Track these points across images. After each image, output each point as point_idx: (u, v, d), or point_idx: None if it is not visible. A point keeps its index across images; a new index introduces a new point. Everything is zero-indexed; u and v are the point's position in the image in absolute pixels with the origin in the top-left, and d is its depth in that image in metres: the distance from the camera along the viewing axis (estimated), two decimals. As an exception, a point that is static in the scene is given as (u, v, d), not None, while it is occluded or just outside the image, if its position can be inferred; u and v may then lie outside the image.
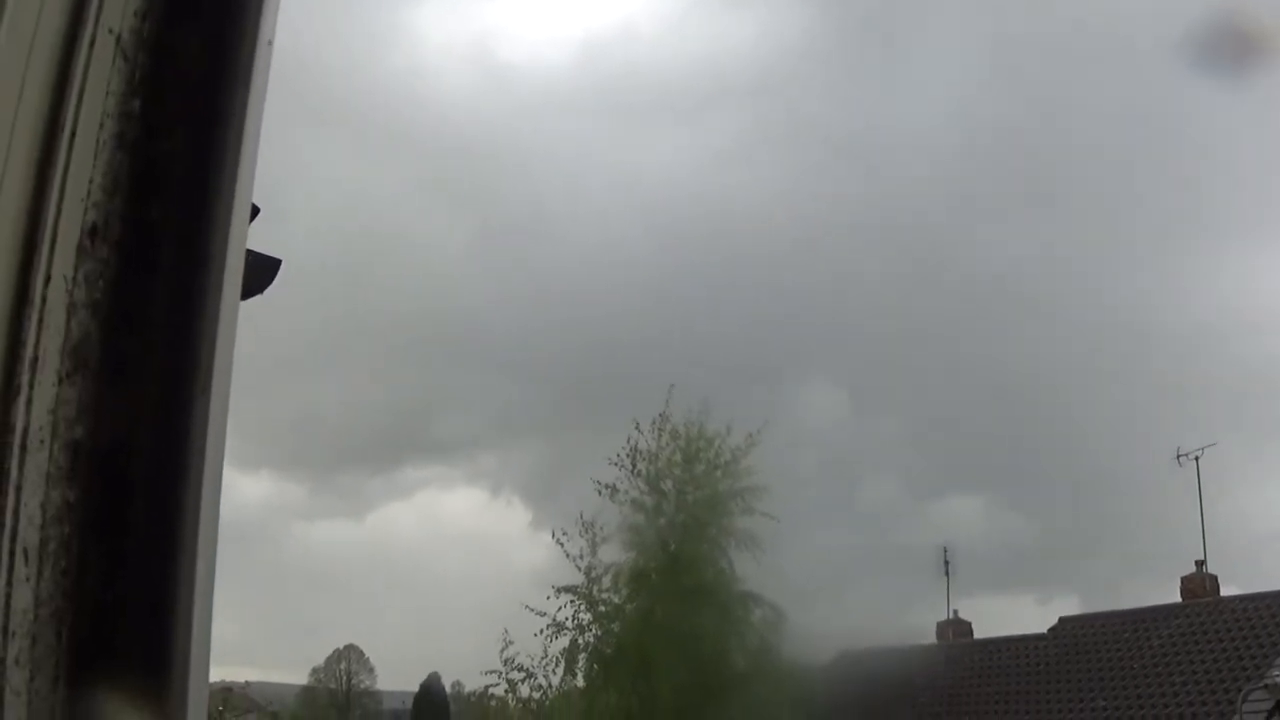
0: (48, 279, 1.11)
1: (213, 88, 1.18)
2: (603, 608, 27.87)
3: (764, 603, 29.15)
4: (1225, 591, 35.91)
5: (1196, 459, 36.45)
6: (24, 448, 1.08)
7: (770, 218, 44.01)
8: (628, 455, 28.14)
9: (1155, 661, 33.96)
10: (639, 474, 28.31)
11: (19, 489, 1.08)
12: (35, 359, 1.09)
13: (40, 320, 1.10)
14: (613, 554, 28.09)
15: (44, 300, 1.10)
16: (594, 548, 27.58)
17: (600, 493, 27.82)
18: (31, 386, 1.09)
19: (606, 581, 27.94)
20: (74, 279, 1.11)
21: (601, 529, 27.64)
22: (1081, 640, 36.43)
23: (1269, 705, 29.65)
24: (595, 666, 27.27)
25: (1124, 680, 33.86)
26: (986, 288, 44.54)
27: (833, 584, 46.73)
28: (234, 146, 1.20)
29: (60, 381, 1.10)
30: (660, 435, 28.33)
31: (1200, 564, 36.43)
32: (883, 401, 46.99)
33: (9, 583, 1.07)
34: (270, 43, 1.22)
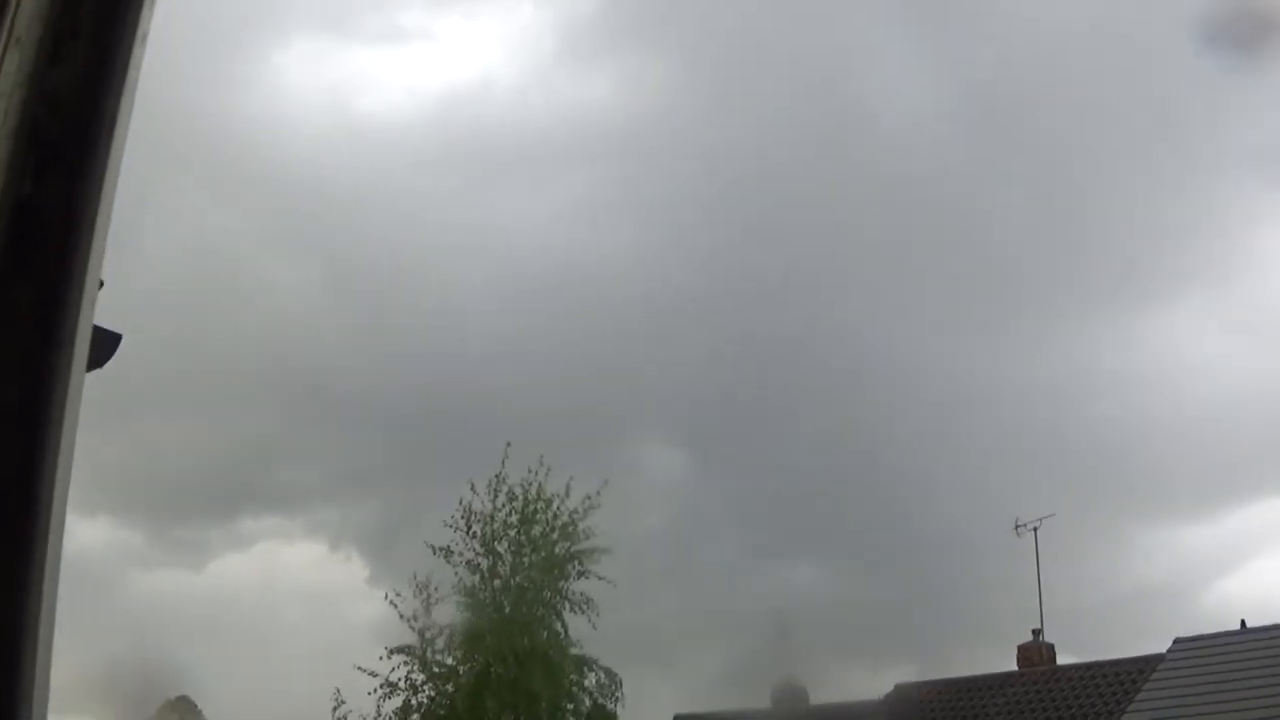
0: None
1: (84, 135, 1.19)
2: (436, 669, 27.37)
3: (598, 667, 28.81)
4: (1062, 660, 36.04)
5: (1035, 529, 36.60)
6: None
7: (617, 278, 43.61)
8: (462, 517, 27.75)
9: (992, 729, 33.86)
10: (474, 535, 27.94)
11: None
12: None
13: None
14: (447, 615, 27.72)
15: None
16: (428, 608, 27.13)
17: (434, 554, 27.36)
18: None
19: (440, 643, 27.49)
20: None
21: (436, 589, 27.18)
22: (917, 707, 36.19)
23: (1106, 772, 29.59)
24: None
25: (960, 748, 33.69)
26: (831, 354, 44.53)
27: (668, 648, 45.99)
28: (90, 219, 1.21)
29: None
30: (496, 496, 27.98)
31: (1037, 632, 36.53)
32: (722, 464, 46.64)
33: None
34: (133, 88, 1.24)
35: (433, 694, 27.32)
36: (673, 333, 43.66)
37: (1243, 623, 32.96)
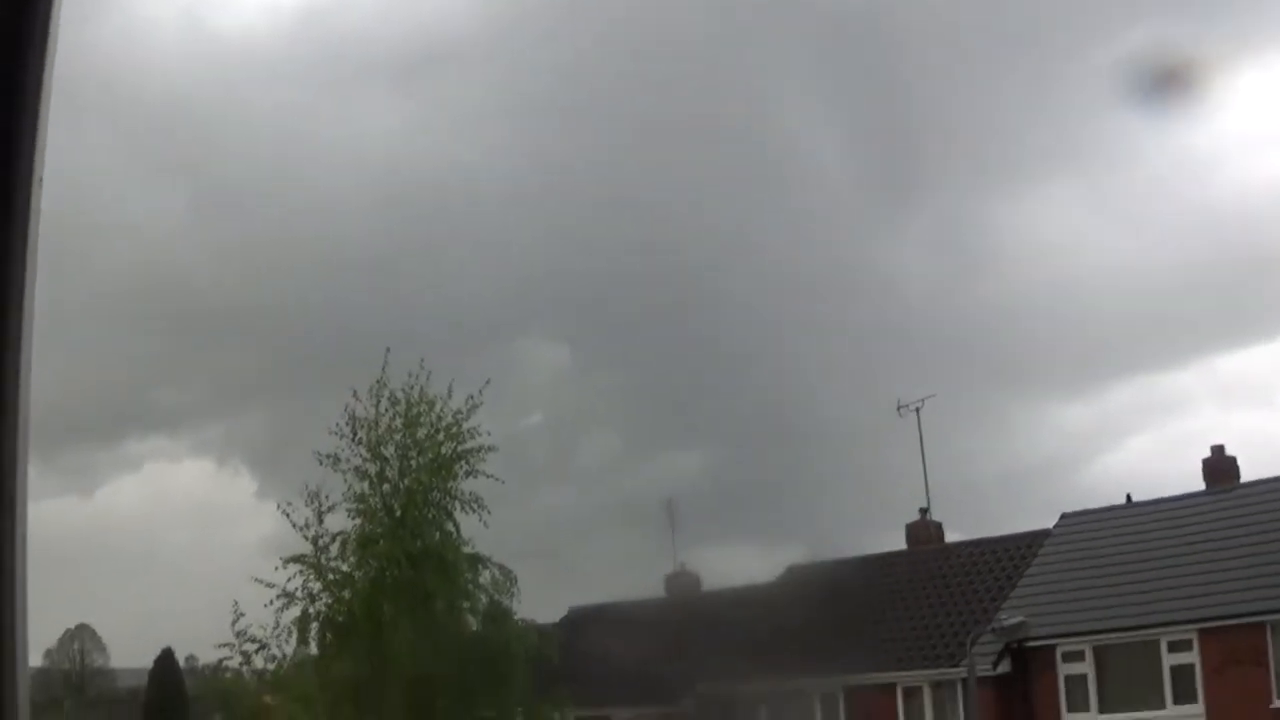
0: None
1: None
2: (332, 576, 27.13)
3: (492, 564, 28.68)
4: (950, 538, 36.47)
5: (917, 409, 36.85)
6: None
7: (488, 181, 42.99)
8: (347, 424, 27.38)
9: (884, 607, 34.23)
10: (360, 441, 27.58)
11: None
12: None
13: None
14: (339, 522, 27.43)
15: None
16: (320, 517, 26.81)
17: (322, 463, 26.98)
18: None
19: (334, 550, 27.19)
20: None
21: (326, 498, 26.83)
22: (810, 587, 36.50)
23: (998, 648, 30.04)
24: (328, 635, 26.59)
25: (853, 626, 34.03)
26: (706, 244, 44.29)
27: (561, 543, 46.13)
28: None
29: None
30: (379, 401, 27.61)
31: (924, 511, 36.93)
32: (603, 357, 46.49)
33: None
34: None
35: (330, 601, 27.07)
36: (549, 234, 43.20)
37: (1128, 497, 33.53)
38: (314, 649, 27.25)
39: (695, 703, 34.65)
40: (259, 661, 26.50)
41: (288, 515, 27.12)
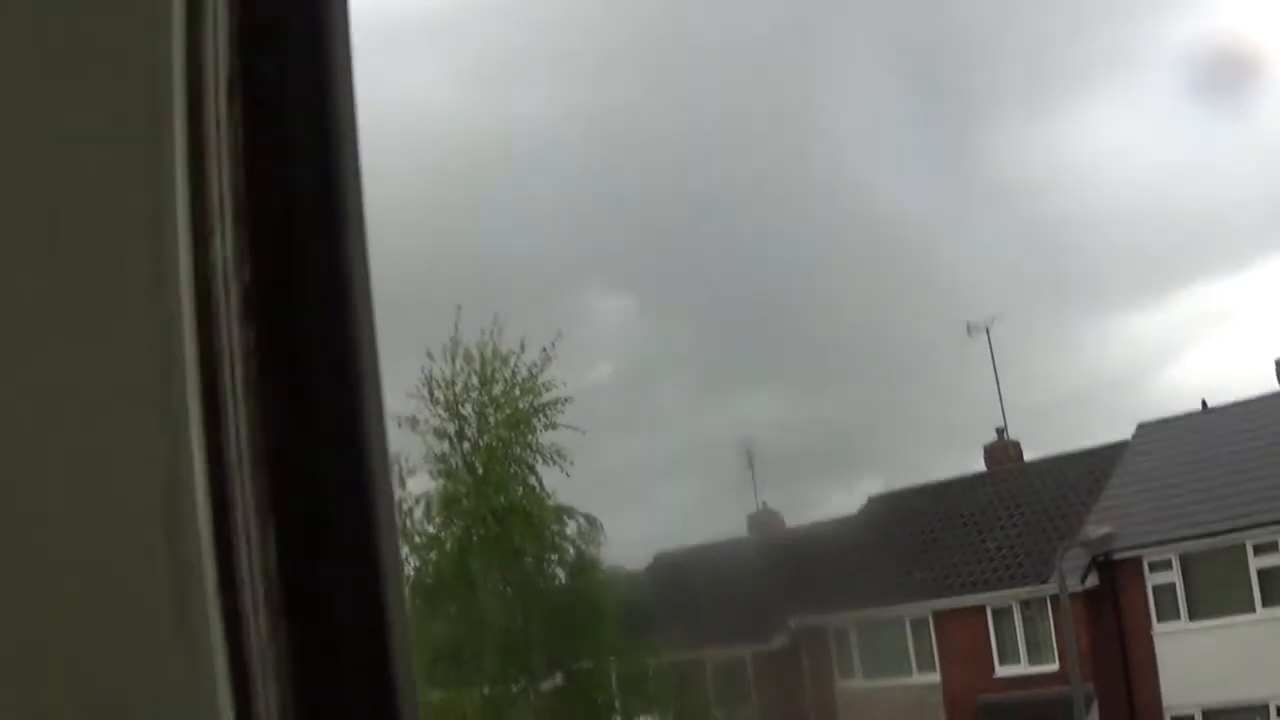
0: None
1: None
2: (418, 539, 27.42)
3: (577, 514, 28.98)
4: (1028, 457, 36.45)
5: (987, 329, 36.77)
6: None
7: (541, 132, 42.89)
8: (423, 385, 27.61)
9: (968, 530, 34.33)
10: (437, 402, 27.82)
11: None
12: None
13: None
14: (421, 485, 27.68)
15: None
16: (402, 481, 27.02)
17: (400, 426, 27.21)
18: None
19: (419, 513, 27.49)
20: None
21: (407, 460, 27.04)
22: (892, 517, 36.68)
23: (1085, 561, 30.09)
24: (417, 599, 26.87)
25: (938, 551, 34.19)
26: (766, 181, 44.15)
27: (642, 489, 46.35)
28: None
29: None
30: (454, 360, 27.82)
31: (1001, 432, 36.91)
32: (669, 303, 46.52)
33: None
34: None
35: (417, 565, 27.39)
36: (606, 182, 43.23)
37: (1204, 403, 33.37)
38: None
39: (787, 638, 34.99)
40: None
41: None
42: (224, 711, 0.90)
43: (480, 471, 28.14)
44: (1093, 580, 30.53)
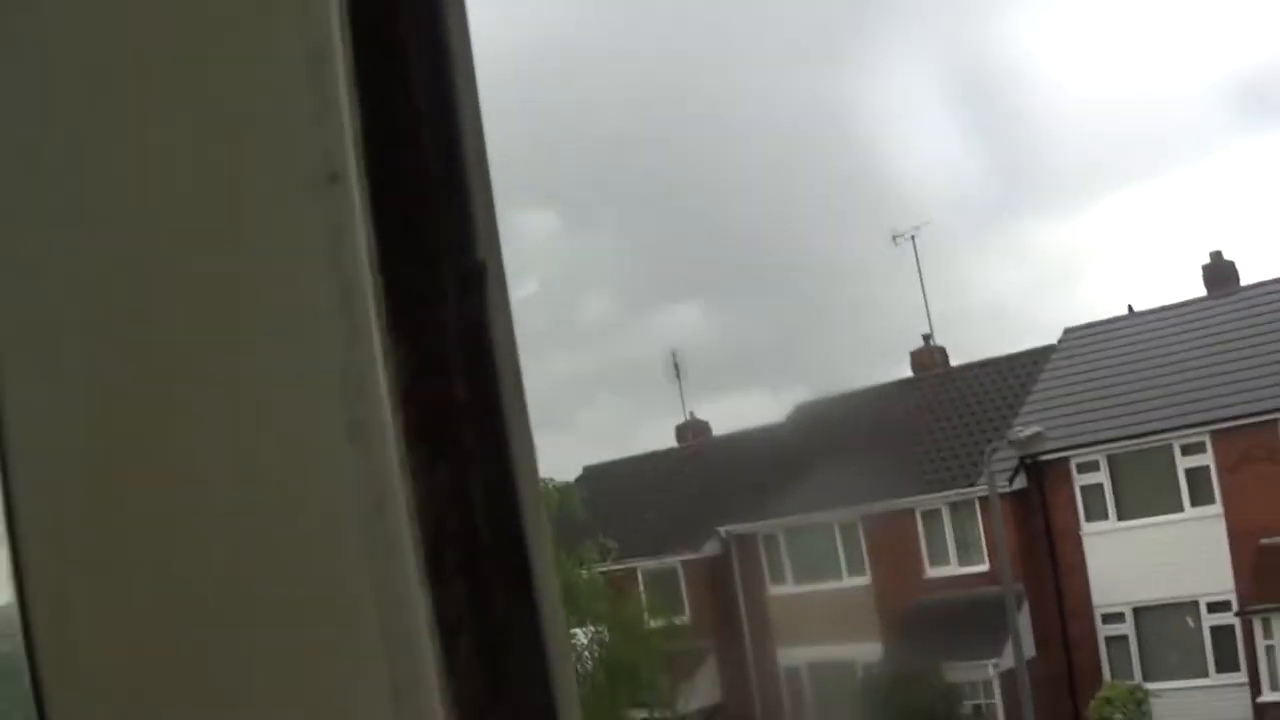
0: None
1: None
2: None
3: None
4: (955, 362, 36.72)
5: (913, 237, 36.91)
6: None
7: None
8: None
9: (895, 435, 34.56)
10: None
11: None
12: None
13: None
14: None
15: None
16: None
17: None
18: None
19: None
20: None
21: None
22: (820, 423, 36.84)
23: (1013, 463, 30.41)
24: None
25: (866, 455, 34.36)
26: (688, 92, 43.84)
27: (569, 406, 46.29)
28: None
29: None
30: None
31: (927, 337, 37.17)
32: (592, 219, 46.23)
33: None
34: None
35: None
36: (527, 99, 42.75)
37: (1130, 308, 33.75)
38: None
39: (718, 546, 35.17)
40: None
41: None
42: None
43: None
44: (1021, 482, 30.95)
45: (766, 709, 34.20)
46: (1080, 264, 54.06)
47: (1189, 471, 29.01)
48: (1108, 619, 30.09)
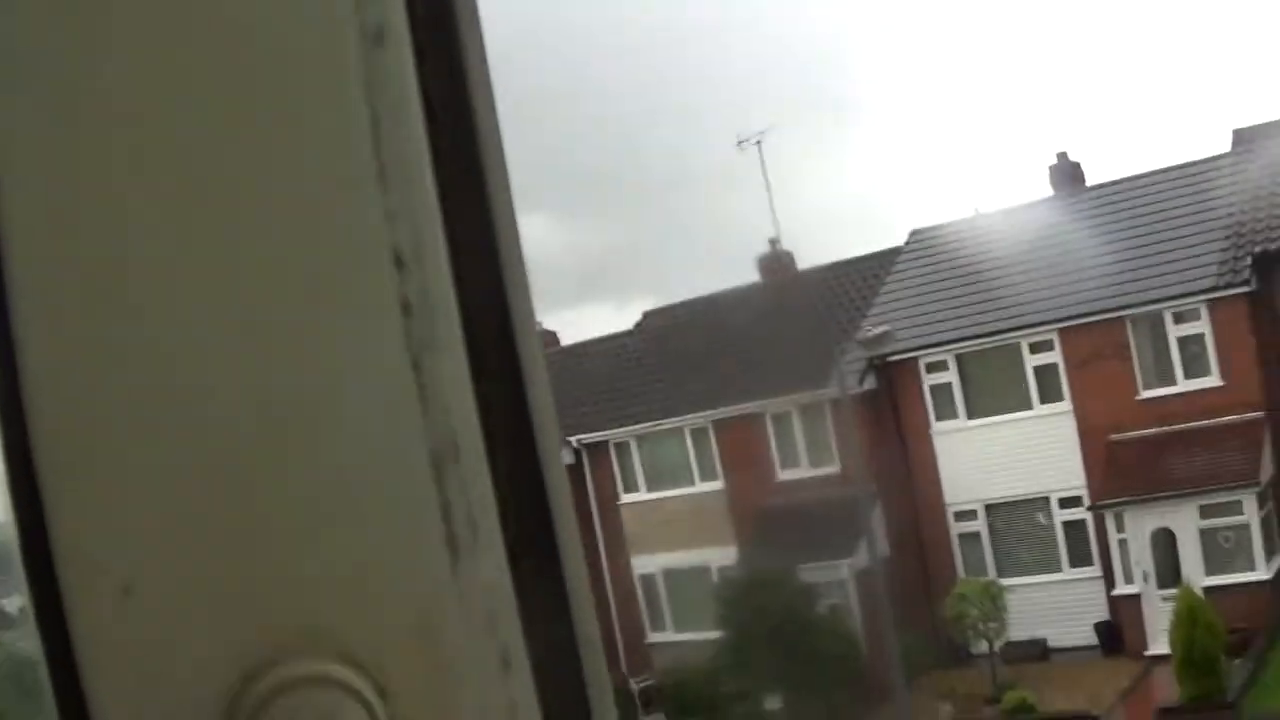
0: None
1: None
2: None
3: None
4: (802, 267, 36.64)
5: (758, 143, 36.62)
6: None
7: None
8: None
9: (744, 339, 34.42)
10: None
11: None
12: None
13: None
14: None
15: None
16: None
17: None
18: None
19: None
20: None
21: None
22: (668, 331, 36.60)
23: (862, 364, 30.52)
24: None
25: (715, 362, 34.22)
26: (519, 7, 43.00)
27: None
28: None
29: None
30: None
31: (774, 242, 37.02)
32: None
33: None
34: None
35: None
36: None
37: (976, 209, 34.01)
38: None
39: (569, 456, 34.85)
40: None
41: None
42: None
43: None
44: (871, 383, 31.06)
45: (622, 616, 34.09)
46: (925, 167, 54.56)
47: (1038, 369, 29.40)
48: (960, 517, 30.52)
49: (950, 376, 30.60)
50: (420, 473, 0.74)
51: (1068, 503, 29.07)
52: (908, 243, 34.56)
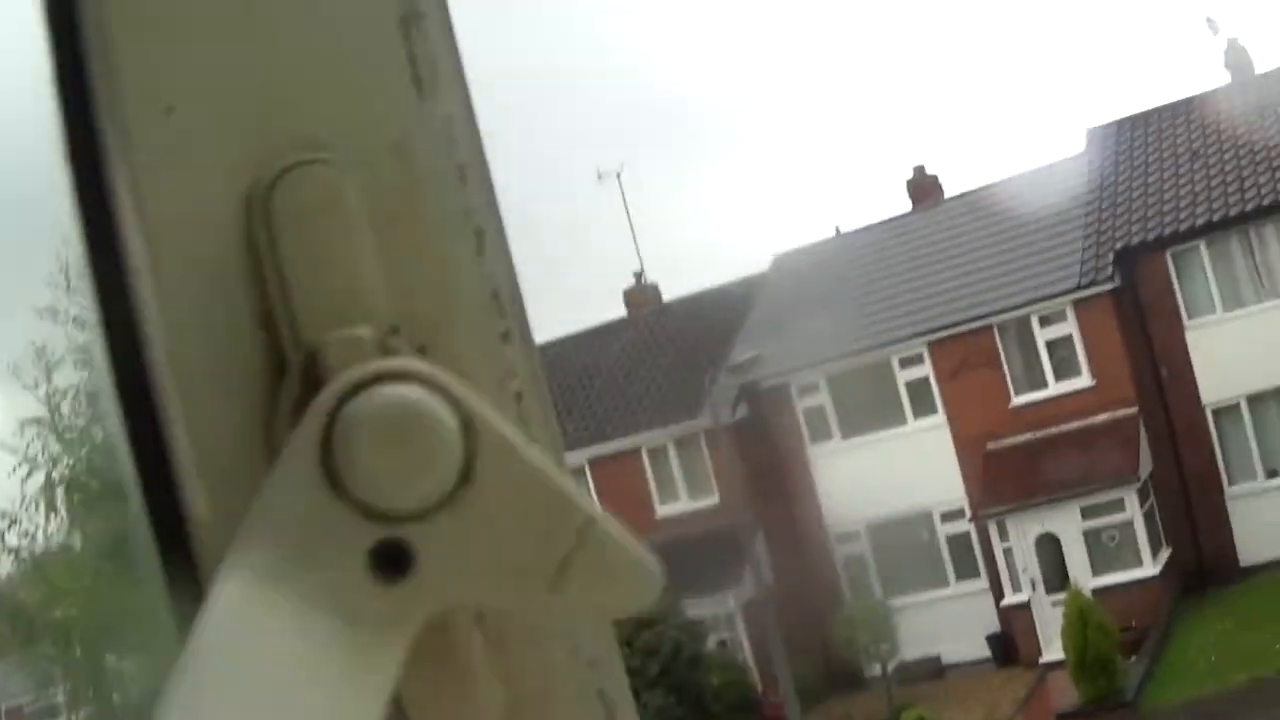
0: None
1: None
2: (69, 435, 25.10)
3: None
4: (668, 298, 36.24)
5: (618, 175, 36.31)
6: None
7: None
8: (60, 272, 25.08)
9: (614, 376, 33.93)
10: (74, 290, 25.32)
11: None
12: None
13: None
14: (67, 378, 25.30)
15: None
16: (48, 374, 24.67)
17: (40, 318, 24.71)
18: None
19: (66, 407, 25.15)
20: None
21: (52, 353, 24.70)
22: (536, 372, 35.87)
23: (734, 392, 30.08)
24: (76, 497, 24.66)
25: (587, 400, 33.69)
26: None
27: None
28: None
29: None
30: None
31: (639, 275, 36.59)
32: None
33: None
34: None
35: (71, 463, 25.15)
36: None
37: (837, 229, 33.81)
38: (64, 515, 25.49)
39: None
40: (13, 538, 24.95)
41: (17, 376, 25.05)
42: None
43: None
44: (744, 411, 30.59)
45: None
46: (786, 191, 54.62)
47: (909, 384, 29.18)
48: (842, 539, 30.12)
49: (823, 398, 30.26)
50: (391, 32, 0.87)
51: (949, 516, 28.82)
52: (772, 267, 34.23)
